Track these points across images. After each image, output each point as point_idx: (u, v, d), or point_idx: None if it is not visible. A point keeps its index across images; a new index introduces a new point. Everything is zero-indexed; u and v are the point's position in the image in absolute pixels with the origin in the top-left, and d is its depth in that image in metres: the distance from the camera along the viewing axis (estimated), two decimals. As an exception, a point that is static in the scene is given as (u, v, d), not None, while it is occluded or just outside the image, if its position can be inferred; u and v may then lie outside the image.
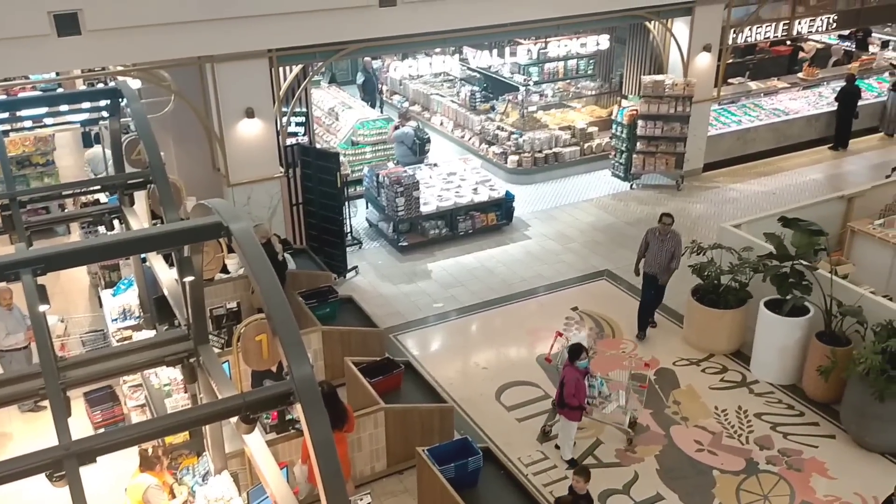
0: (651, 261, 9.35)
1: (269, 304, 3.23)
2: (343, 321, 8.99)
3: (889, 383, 7.22)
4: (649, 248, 9.33)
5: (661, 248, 9.22)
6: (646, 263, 9.43)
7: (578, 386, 7.39)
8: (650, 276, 9.44)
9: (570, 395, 7.39)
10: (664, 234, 9.22)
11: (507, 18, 11.47)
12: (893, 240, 9.04)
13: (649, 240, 9.33)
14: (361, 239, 12.19)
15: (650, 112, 13.32)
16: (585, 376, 7.52)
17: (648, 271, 9.44)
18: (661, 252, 9.23)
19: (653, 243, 9.29)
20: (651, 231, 9.39)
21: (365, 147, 13.49)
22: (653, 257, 9.32)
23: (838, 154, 15.14)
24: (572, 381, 7.38)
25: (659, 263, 9.29)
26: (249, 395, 3.46)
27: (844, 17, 15.07)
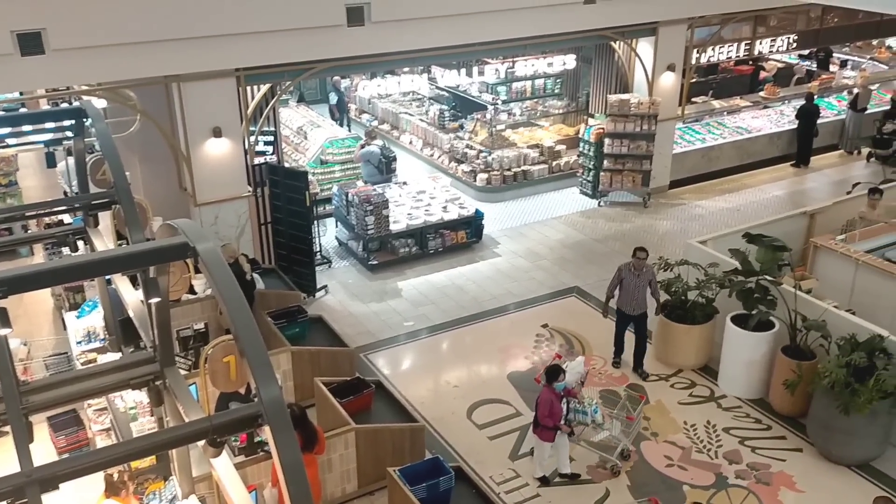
0: (626, 298, 8.90)
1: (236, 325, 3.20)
2: (313, 341, 8.93)
3: (853, 396, 7.33)
4: (623, 284, 8.86)
5: (637, 283, 8.81)
6: (620, 301, 8.98)
7: (553, 407, 7.30)
8: (625, 314, 9.01)
9: (544, 416, 7.34)
10: (639, 269, 8.80)
11: (475, 38, 11.57)
12: (855, 255, 9.21)
13: (623, 276, 8.86)
14: (331, 258, 12.14)
15: (617, 130, 13.48)
16: (562, 398, 7.40)
17: (625, 309, 8.98)
18: (637, 288, 8.82)
19: (627, 279, 8.83)
20: (624, 267, 8.92)
21: (334, 166, 13.48)
22: (629, 294, 8.87)
23: (800, 171, 15.44)
24: (546, 403, 7.31)
25: (636, 300, 8.87)
26: (216, 419, 3.41)
27: (804, 38, 15.44)
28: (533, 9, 11.51)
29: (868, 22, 15.59)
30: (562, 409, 7.42)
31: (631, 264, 8.87)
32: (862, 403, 7.26)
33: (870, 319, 8.17)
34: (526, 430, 8.36)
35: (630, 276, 8.84)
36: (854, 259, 9.18)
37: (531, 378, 9.25)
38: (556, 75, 15.40)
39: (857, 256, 9.19)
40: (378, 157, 13.20)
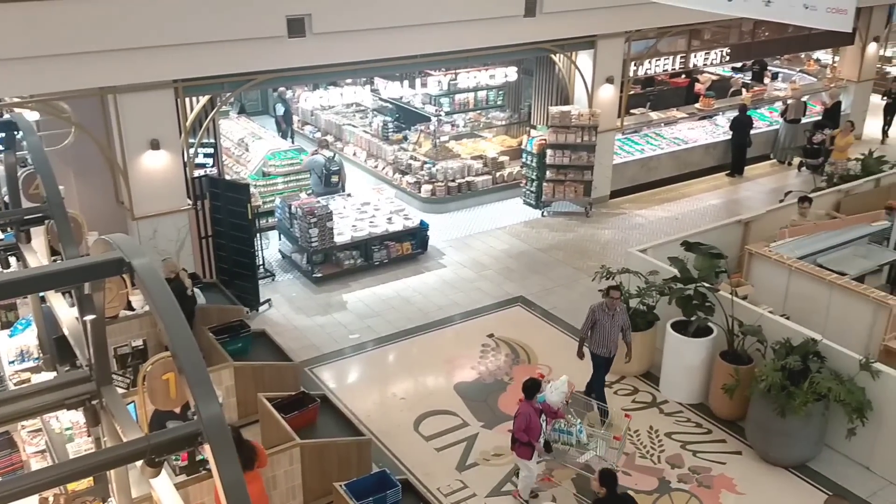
0: (603, 340, 8.33)
1: (173, 342, 3.12)
2: (256, 356, 8.79)
3: (789, 399, 7.55)
4: (598, 326, 8.29)
5: (613, 324, 8.26)
6: (595, 343, 8.40)
7: (530, 422, 7.10)
8: (602, 357, 8.44)
9: (519, 429, 7.14)
10: (612, 309, 8.26)
11: (417, 50, 11.62)
12: (788, 261, 9.50)
13: (597, 317, 8.28)
14: (274, 271, 11.99)
15: (558, 141, 13.67)
16: (540, 413, 7.25)
17: (600, 352, 8.40)
18: (612, 329, 8.28)
19: (602, 320, 8.26)
20: (598, 308, 8.33)
21: (276, 178, 13.34)
22: (604, 336, 8.30)
23: (735, 180, 15.88)
24: (524, 416, 7.11)
25: (612, 341, 8.34)
26: (154, 438, 3.32)
27: (736, 51, 15.92)
28: (474, 21, 11.62)
29: (797, 36, 16.15)
30: (541, 425, 7.19)
31: (604, 304, 8.32)
32: (797, 406, 7.48)
33: (803, 324, 8.43)
34: (473, 441, 8.39)
35: (604, 316, 8.27)
36: (787, 265, 9.46)
37: (478, 388, 9.30)
38: (499, 87, 15.55)
39: (790, 263, 9.48)
40: (322, 167, 13.10)
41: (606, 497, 6.31)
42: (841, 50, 17.84)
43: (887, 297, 8.72)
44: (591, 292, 10.10)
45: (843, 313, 8.89)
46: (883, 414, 7.61)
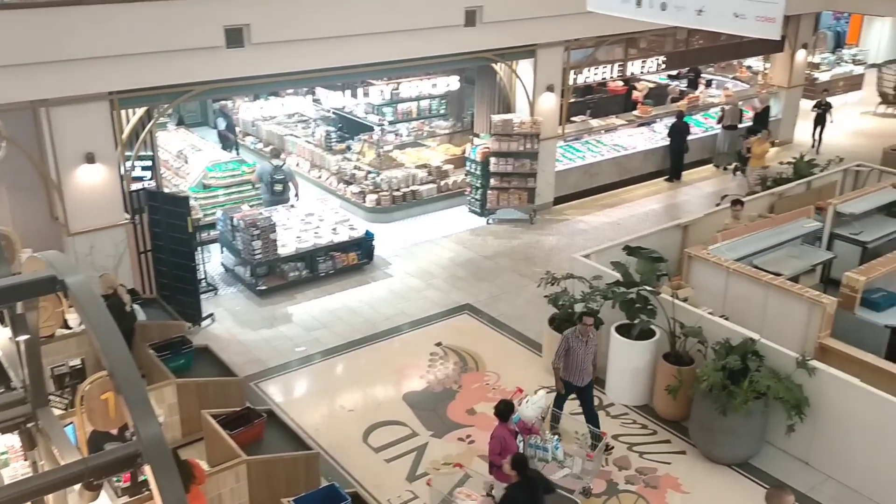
0: (577, 367, 8.07)
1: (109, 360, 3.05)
2: (199, 372, 8.62)
3: (730, 398, 7.72)
4: (572, 353, 8.03)
5: (587, 351, 8.04)
6: (568, 372, 8.12)
7: (505, 444, 6.91)
8: (574, 385, 8.21)
9: (494, 452, 6.96)
10: (586, 336, 8.04)
11: (357, 60, 11.60)
12: (726, 263, 9.75)
13: (571, 345, 8.02)
14: (217, 285, 11.79)
15: (501, 149, 13.79)
16: (516, 435, 7.09)
17: (573, 381, 8.15)
18: (587, 356, 8.05)
19: (577, 348, 8.01)
20: (571, 335, 8.07)
21: (217, 190, 13.13)
22: (579, 363, 8.05)
23: (673, 185, 16.23)
24: (497, 439, 6.93)
25: (586, 369, 8.10)
26: (92, 460, 3.23)
27: (671, 59, 16.29)
28: (414, 31, 11.66)
29: (729, 43, 16.62)
30: (517, 446, 7.03)
31: (577, 331, 8.07)
32: (738, 404, 7.66)
33: (742, 324, 8.64)
34: (423, 450, 8.36)
35: (579, 344, 8.01)
36: (725, 267, 9.70)
37: (427, 397, 9.28)
38: (441, 96, 15.63)
39: (728, 265, 9.72)
40: (269, 175, 12.96)
41: (519, 482, 6.39)
42: (771, 57, 18.41)
43: (821, 296, 9.00)
44: (538, 298, 10.22)
45: (780, 313, 9.15)
46: (820, 410, 7.85)
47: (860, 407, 7.62)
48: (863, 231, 11.17)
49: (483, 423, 8.77)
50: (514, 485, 6.43)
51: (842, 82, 23.25)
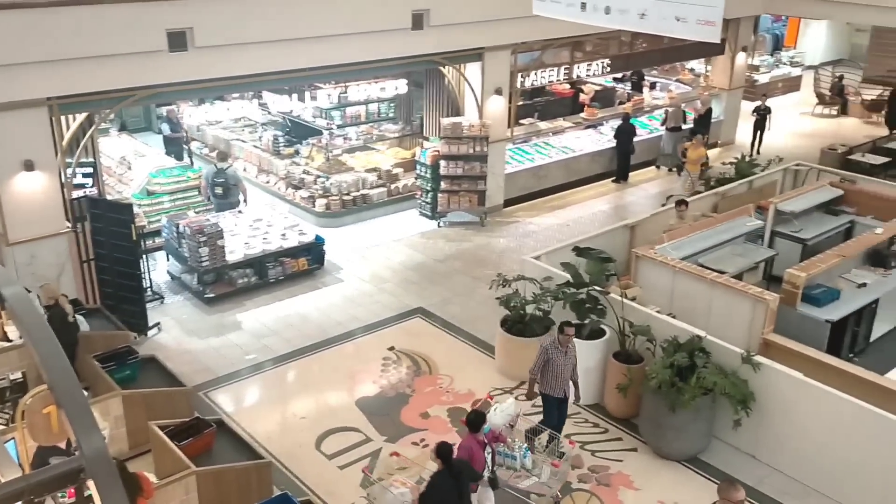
0: (556, 380, 7.86)
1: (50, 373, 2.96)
2: (146, 383, 8.43)
3: (679, 395, 7.85)
4: (551, 364, 7.81)
5: (566, 362, 7.84)
6: (546, 384, 7.91)
7: (474, 456, 6.79)
8: (554, 398, 8.00)
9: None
10: (566, 346, 7.84)
11: (305, 63, 11.51)
12: (672, 262, 9.92)
13: (551, 356, 7.79)
14: (163, 293, 11.56)
15: (451, 153, 13.81)
16: (485, 446, 6.91)
17: (553, 393, 7.95)
18: (566, 368, 7.85)
19: (556, 358, 7.79)
20: (550, 346, 7.84)
21: (162, 196, 12.87)
22: (558, 375, 7.84)
23: (620, 186, 16.47)
24: (465, 449, 6.81)
25: (566, 381, 7.90)
26: (33, 477, 3.13)
27: (616, 62, 16.53)
28: (362, 34, 11.62)
29: (672, 46, 16.92)
30: (485, 458, 6.90)
31: (557, 341, 7.83)
32: (686, 400, 7.79)
33: (688, 321, 8.81)
34: (377, 456, 8.32)
35: (558, 354, 7.80)
36: (671, 266, 9.87)
37: (380, 402, 9.24)
38: (390, 99, 15.58)
39: (674, 264, 9.89)
40: (209, 178, 12.78)
41: (443, 470, 6.45)
42: (713, 60, 18.82)
43: (764, 293, 9.22)
44: (489, 301, 10.26)
45: (725, 310, 9.34)
46: (765, 404, 8.03)
47: (803, 400, 7.82)
48: (802, 229, 11.51)
49: (437, 427, 8.77)
50: (438, 472, 6.49)
51: (780, 84, 23.91)
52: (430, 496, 6.48)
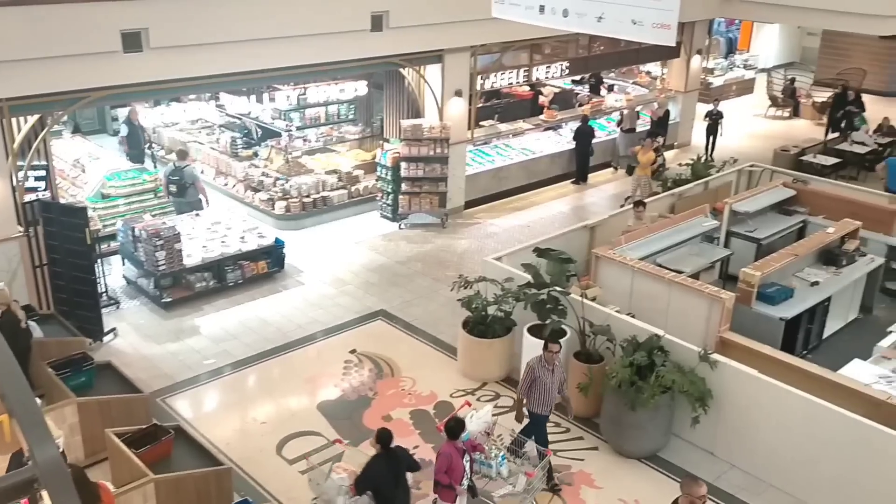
0: (543, 398, 7.71)
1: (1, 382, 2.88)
2: (102, 390, 8.25)
3: (638, 393, 7.95)
4: (538, 383, 7.65)
5: (553, 380, 7.70)
6: (535, 402, 7.74)
7: (452, 463, 6.70)
8: (543, 416, 7.86)
9: (440, 470, 6.73)
10: (552, 363, 7.68)
11: (262, 65, 11.40)
12: (631, 262, 10.04)
13: (538, 374, 7.63)
14: (119, 298, 11.35)
15: (412, 154, 13.81)
16: (464, 454, 6.80)
17: (541, 411, 7.79)
18: (553, 386, 7.71)
19: (543, 377, 7.63)
20: (537, 363, 7.68)
21: (117, 199, 12.62)
22: (545, 394, 7.69)
23: (580, 188, 16.63)
24: (445, 457, 6.72)
25: (553, 398, 7.78)
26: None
27: (574, 64, 16.70)
28: (320, 35, 11.55)
29: (629, 49, 17.14)
30: (463, 466, 6.79)
31: (543, 358, 7.68)
32: (646, 399, 7.89)
33: (647, 321, 8.92)
34: (339, 459, 8.24)
35: (545, 373, 7.65)
36: (630, 266, 9.99)
37: (342, 406, 9.19)
38: (350, 101, 15.51)
39: (633, 264, 10.01)
40: (165, 175, 12.64)
41: (380, 455, 6.61)
42: (668, 62, 19.10)
43: (720, 292, 9.38)
44: (451, 302, 10.28)
45: (682, 309, 9.49)
46: (722, 401, 8.17)
47: (759, 397, 7.97)
48: (757, 228, 11.74)
49: (399, 430, 8.73)
50: (376, 456, 6.62)
51: (734, 87, 24.37)
52: (366, 479, 6.61)
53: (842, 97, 19.79)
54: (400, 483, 6.70)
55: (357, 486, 6.64)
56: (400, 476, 6.69)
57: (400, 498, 6.77)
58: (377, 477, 6.58)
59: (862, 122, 19.12)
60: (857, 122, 19.09)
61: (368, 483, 6.60)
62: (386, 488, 6.62)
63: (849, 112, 19.40)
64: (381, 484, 6.60)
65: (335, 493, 6.89)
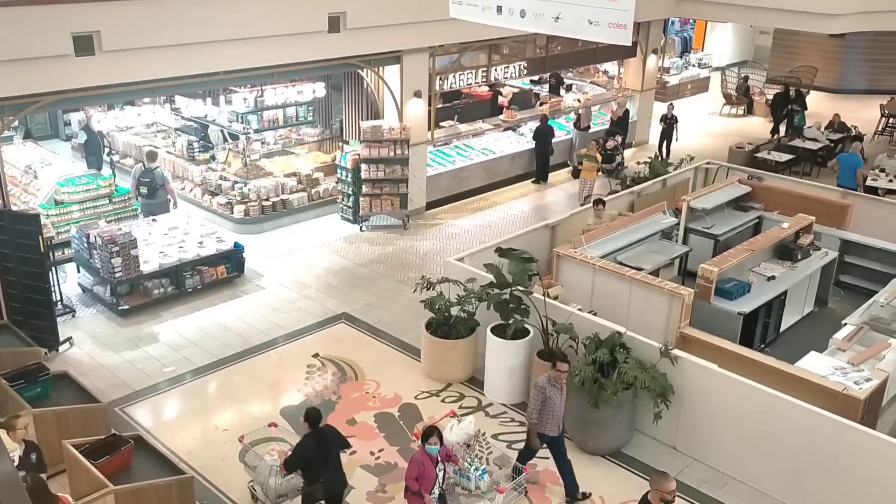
0: (553, 417, 7.42)
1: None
2: (58, 400, 8.06)
3: (601, 390, 8.01)
4: (549, 403, 7.34)
5: (562, 397, 7.46)
6: (545, 423, 7.41)
7: (424, 471, 6.62)
8: (548, 437, 7.53)
9: (410, 476, 6.67)
10: (560, 382, 7.43)
11: (218, 67, 11.28)
12: (592, 261, 10.12)
13: (549, 395, 7.30)
14: (74, 306, 11.11)
15: (372, 156, 13.75)
16: (437, 464, 6.71)
17: (549, 432, 7.47)
18: (562, 404, 7.49)
19: (553, 397, 7.33)
20: (547, 384, 7.33)
21: (71, 206, 12.35)
22: (555, 413, 7.41)
23: (540, 187, 16.72)
24: (416, 463, 6.67)
25: (561, 417, 7.53)
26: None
27: (533, 64, 16.79)
28: (277, 37, 11.45)
29: (586, 49, 17.31)
30: (436, 475, 6.71)
31: (550, 378, 7.37)
32: (609, 396, 7.95)
33: (609, 318, 9.01)
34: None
35: (555, 392, 7.36)
36: (591, 265, 10.07)
37: (304, 411, 9.09)
38: (308, 103, 15.38)
39: (594, 262, 10.10)
40: (136, 177, 12.56)
41: (310, 433, 6.82)
42: (625, 62, 19.32)
43: (679, 288, 9.51)
44: (414, 304, 10.26)
45: (643, 305, 9.60)
46: (683, 396, 8.28)
47: (719, 391, 8.09)
48: (714, 225, 11.93)
49: (364, 433, 8.71)
50: (306, 435, 6.85)
51: (690, 85, 24.75)
52: (295, 458, 6.84)
53: (785, 96, 20.19)
54: (330, 461, 6.88)
55: (287, 466, 6.90)
56: (329, 454, 6.87)
57: (329, 476, 6.92)
58: (306, 456, 6.79)
59: (802, 121, 19.55)
60: (797, 120, 19.50)
61: (298, 462, 6.83)
62: (315, 466, 6.83)
63: (791, 111, 19.81)
64: (311, 462, 6.81)
65: (267, 474, 7.21)
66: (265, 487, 7.26)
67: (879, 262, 11.65)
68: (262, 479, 7.31)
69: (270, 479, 7.20)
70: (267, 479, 7.22)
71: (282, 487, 7.26)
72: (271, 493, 7.23)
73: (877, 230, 11.96)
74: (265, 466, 7.30)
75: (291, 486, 7.28)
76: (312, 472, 6.86)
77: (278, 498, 7.27)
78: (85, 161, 14.81)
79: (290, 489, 7.29)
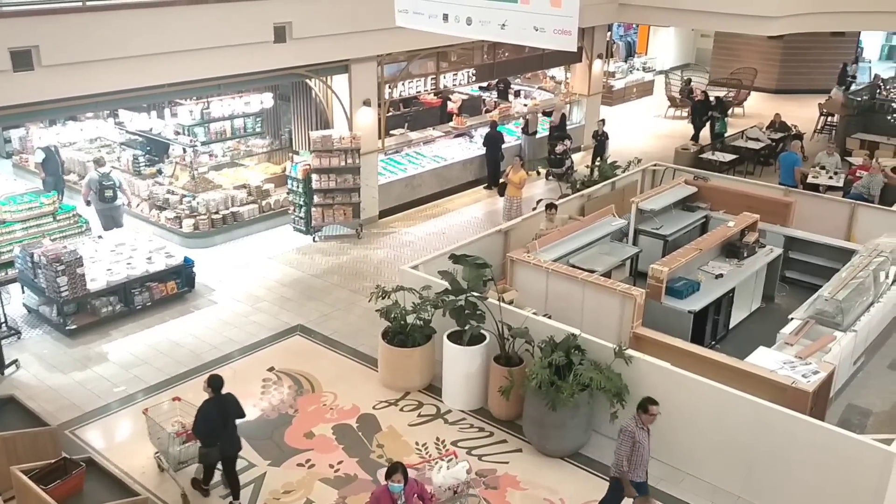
0: (642, 462, 6.97)
1: None
2: (5, 425, 7.82)
3: (558, 393, 8.07)
4: (637, 448, 6.85)
5: (650, 442, 7.01)
6: (636, 469, 6.94)
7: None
8: (638, 483, 7.03)
9: None
10: (647, 426, 6.93)
11: (162, 80, 11.11)
12: (545, 264, 10.21)
13: (639, 438, 6.83)
14: (19, 328, 10.80)
15: (323, 166, 13.67)
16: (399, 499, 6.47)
17: (636, 478, 6.99)
18: (650, 447, 7.03)
19: (642, 440, 6.86)
20: (636, 428, 6.84)
21: (13, 225, 12.00)
22: (643, 457, 6.94)
23: (492, 192, 16.78)
24: (373, 497, 6.56)
25: (647, 460, 7.06)
26: None
27: (481, 71, 16.90)
28: (222, 48, 11.33)
29: (533, 55, 17.49)
30: None
31: (638, 421, 6.87)
32: (565, 398, 8.01)
33: (563, 321, 9.09)
34: (261, 481, 8.09)
35: (643, 437, 6.88)
36: (545, 268, 10.16)
37: (261, 426, 8.99)
38: (256, 114, 15.24)
39: (547, 265, 10.19)
40: (96, 182, 12.51)
41: (211, 399, 7.38)
42: (572, 67, 19.57)
43: (631, 289, 9.65)
44: (370, 313, 10.22)
45: (596, 307, 9.71)
46: (638, 395, 8.29)
47: (672, 388, 8.21)
48: (663, 225, 12.14)
49: (322, 446, 8.64)
50: (207, 401, 7.38)
51: (635, 89, 25.19)
52: (199, 422, 7.35)
53: (704, 103, 20.55)
54: (227, 426, 7.43)
55: (195, 431, 7.44)
56: (228, 419, 7.42)
57: (226, 440, 7.47)
58: (207, 419, 7.30)
59: (723, 127, 19.96)
60: (718, 127, 19.87)
61: (202, 426, 7.33)
62: (215, 430, 7.35)
63: (712, 118, 20.23)
64: (212, 427, 7.34)
65: (168, 444, 7.82)
66: (167, 456, 7.90)
67: (822, 258, 11.99)
68: (164, 449, 7.93)
69: (171, 448, 7.81)
70: (167, 448, 7.83)
71: (181, 455, 7.88)
72: (172, 461, 7.87)
73: (819, 226, 12.32)
74: (165, 436, 7.85)
75: (191, 454, 7.89)
76: (212, 436, 7.40)
77: (179, 464, 7.91)
78: (42, 182, 14.34)
79: (190, 456, 7.92)
